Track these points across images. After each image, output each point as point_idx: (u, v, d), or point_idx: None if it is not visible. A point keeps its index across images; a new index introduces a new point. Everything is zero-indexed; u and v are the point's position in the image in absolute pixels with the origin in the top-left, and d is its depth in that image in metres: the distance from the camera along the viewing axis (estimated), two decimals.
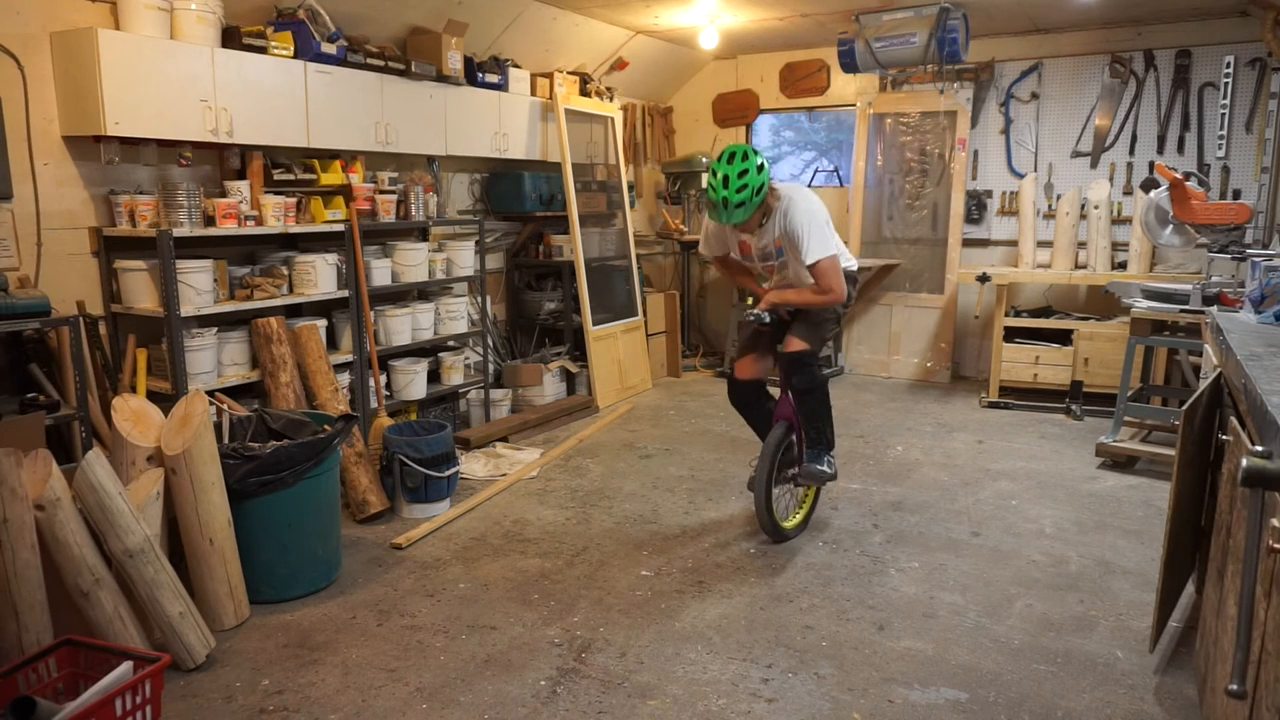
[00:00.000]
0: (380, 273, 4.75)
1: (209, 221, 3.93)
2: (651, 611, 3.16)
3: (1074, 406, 5.83)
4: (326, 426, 3.44)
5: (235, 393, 4.02)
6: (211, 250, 4.12)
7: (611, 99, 6.73)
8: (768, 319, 3.62)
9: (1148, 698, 2.63)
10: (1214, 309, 3.52)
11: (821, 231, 3.48)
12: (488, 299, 5.88)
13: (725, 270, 4.00)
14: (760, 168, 3.36)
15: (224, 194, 4.10)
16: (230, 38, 4.04)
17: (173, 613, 2.71)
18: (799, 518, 3.87)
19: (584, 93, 6.40)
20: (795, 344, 3.63)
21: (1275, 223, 5.53)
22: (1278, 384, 1.86)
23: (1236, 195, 5.98)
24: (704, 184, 3.50)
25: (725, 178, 3.34)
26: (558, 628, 3.05)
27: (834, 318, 3.74)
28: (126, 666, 2.33)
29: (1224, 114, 5.91)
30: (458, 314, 5.34)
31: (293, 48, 4.26)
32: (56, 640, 2.50)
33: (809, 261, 3.47)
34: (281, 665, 2.81)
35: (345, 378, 4.57)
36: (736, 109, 7.75)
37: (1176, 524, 2.60)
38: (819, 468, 3.75)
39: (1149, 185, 5.29)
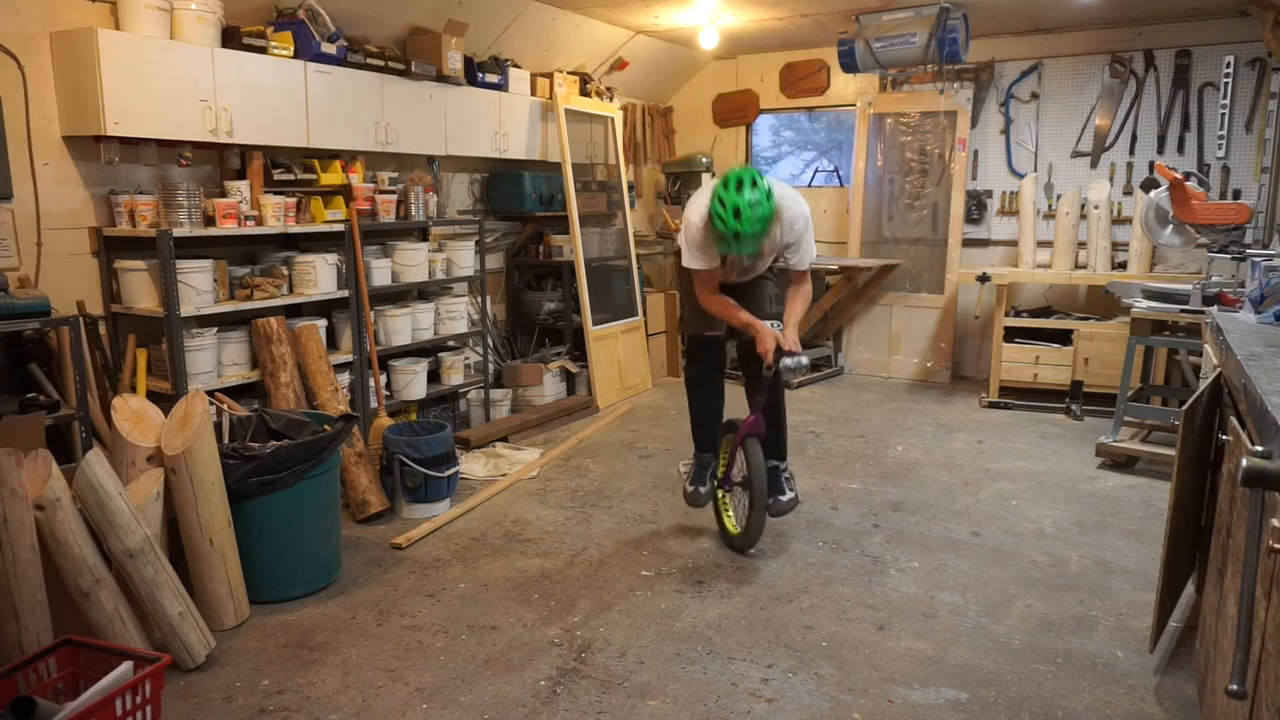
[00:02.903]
0: (380, 273, 4.75)
1: (209, 221, 3.93)
2: (651, 611, 3.16)
3: (1074, 406, 5.82)
4: (326, 426, 3.44)
5: (235, 393, 4.03)
6: (211, 250, 4.12)
7: (611, 99, 6.73)
8: (803, 361, 3.42)
9: (1148, 698, 2.63)
10: (1214, 309, 3.52)
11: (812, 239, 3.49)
12: (488, 299, 5.88)
13: (707, 293, 3.49)
14: (769, 194, 3.14)
15: (224, 194, 4.11)
16: (230, 38, 4.04)
17: (173, 613, 2.71)
18: (731, 521, 3.76)
19: (584, 93, 6.40)
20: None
21: (1275, 223, 5.53)
22: (1278, 384, 1.86)
23: (1236, 195, 5.98)
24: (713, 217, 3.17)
25: (736, 209, 3.06)
26: (558, 628, 3.05)
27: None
28: (126, 666, 2.33)
29: (1224, 114, 5.90)
30: (458, 314, 5.34)
31: (293, 48, 4.26)
32: (56, 640, 2.50)
33: (801, 269, 3.48)
34: (281, 665, 2.81)
35: (345, 378, 4.57)
36: (736, 109, 7.75)
37: (1176, 524, 2.60)
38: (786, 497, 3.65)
39: (1149, 185, 5.29)
